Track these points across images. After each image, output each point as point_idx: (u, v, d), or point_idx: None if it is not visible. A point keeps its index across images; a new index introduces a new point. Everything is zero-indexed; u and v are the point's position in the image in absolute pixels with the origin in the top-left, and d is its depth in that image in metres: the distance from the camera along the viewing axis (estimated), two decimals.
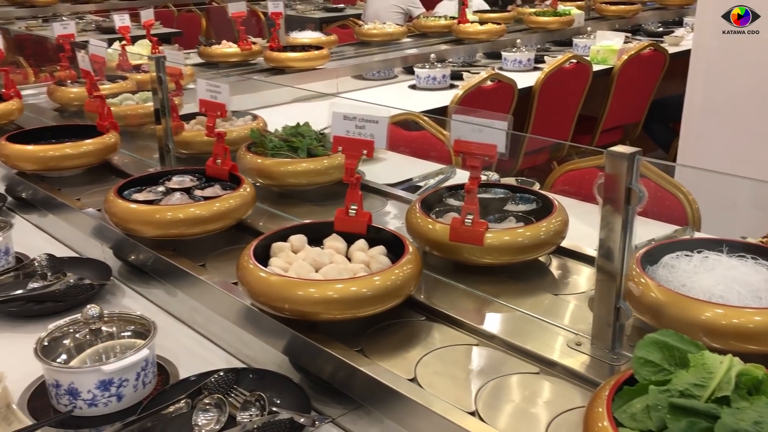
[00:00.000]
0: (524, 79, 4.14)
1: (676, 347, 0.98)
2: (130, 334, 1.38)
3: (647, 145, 4.93)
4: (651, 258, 1.36)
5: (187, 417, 1.20)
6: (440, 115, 3.48)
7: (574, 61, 4.26)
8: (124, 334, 1.38)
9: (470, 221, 1.48)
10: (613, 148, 1.17)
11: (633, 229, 1.19)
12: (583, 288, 1.52)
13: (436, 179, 2.31)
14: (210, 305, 1.56)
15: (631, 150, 1.15)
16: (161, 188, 1.83)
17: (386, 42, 4.87)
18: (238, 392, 1.25)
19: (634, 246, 1.23)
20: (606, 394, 0.97)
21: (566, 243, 1.63)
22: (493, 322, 1.40)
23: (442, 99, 3.82)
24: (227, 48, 4.18)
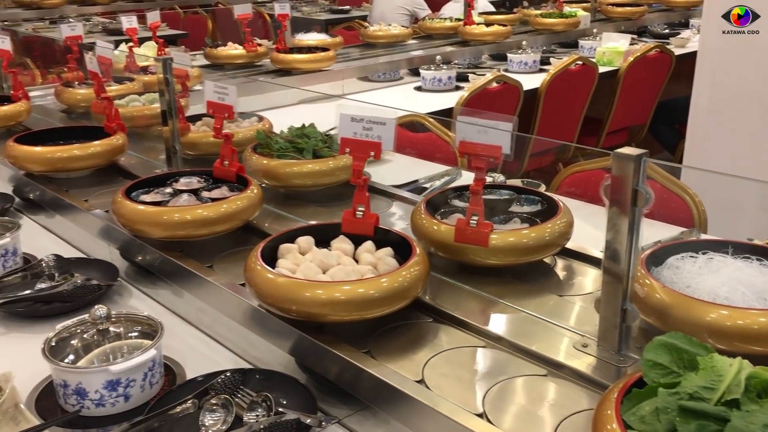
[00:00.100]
0: (530, 81, 4.14)
1: (685, 350, 0.98)
2: (137, 334, 1.39)
3: (653, 146, 4.92)
4: (656, 259, 1.36)
5: (193, 417, 1.20)
6: (446, 116, 3.48)
7: (580, 63, 4.26)
8: (132, 335, 1.39)
9: (475, 222, 1.47)
10: (620, 150, 1.17)
11: (640, 230, 1.19)
12: (589, 289, 1.52)
13: (442, 181, 2.31)
14: (217, 306, 1.56)
15: (638, 152, 1.15)
16: (169, 190, 1.84)
17: (392, 44, 4.88)
18: (245, 393, 1.25)
19: (641, 248, 1.23)
20: (615, 397, 0.97)
21: (571, 244, 1.63)
22: (499, 324, 1.40)
23: (447, 101, 3.82)
24: (233, 50, 4.19)
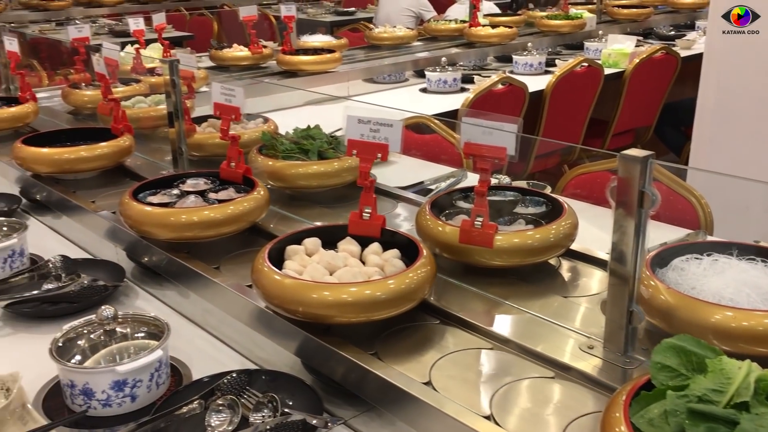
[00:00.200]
0: (535, 83, 4.13)
1: (694, 352, 0.98)
2: (143, 335, 1.39)
3: (659, 148, 4.91)
4: (661, 261, 1.36)
5: (200, 418, 1.20)
6: (451, 118, 3.47)
7: (586, 65, 4.25)
8: (138, 335, 1.39)
9: (480, 223, 1.47)
10: (627, 152, 1.17)
11: (646, 232, 1.19)
12: (594, 291, 1.52)
13: (447, 182, 2.31)
14: (224, 307, 1.56)
15: (644, 153, 1.15)
16: (176, 191, 1.84)
17: (397, 45, 4.88)
18: (251, 393, 1.25)
19: (647, 250, 1.23)
20: (623, 399, 0.97)
21: (577, 246, 1.63)
22: (506, 326, 1.40)
23: (452, 102, 3.82)
24: (238, 51, 4.20)
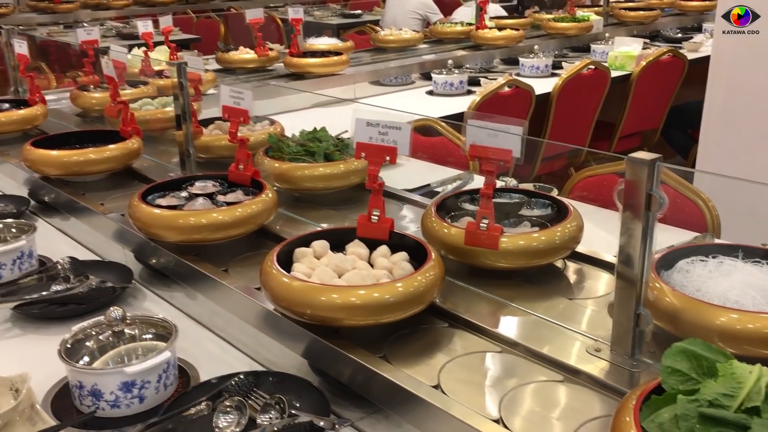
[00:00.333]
0: (542, 85, 4.13)
1: (704, 356, 0.97)
2: (151, 336, 1.40)
3: (665, 151, 4.86)
4: (666, 263, 1.36)
5: (207, 419, 1.21)
6: (457, 120, 3.47)
7: (592, 67, 4.25)
8: (146, 337, 1.40)
9: (485, 225, 1.47)
10: (634, 155, 1.16)
11: (653, 235, 1.19)
12: (599, 293, 1.52)
13: (454, 185, 2.31)
14: (232, 309, 1.56)
15: (651, 156, 1.15)
16: (184, 193, 1.84)
17: (403, 48, 4.88)
18: (258, 395, 1.26)
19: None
20: (633, 404, 0.96)
21: (583, 248, 1.63)
22: (513, 328, 1.40)
23: (459, 105, 3.83)
24: (244, 54, 4.21)
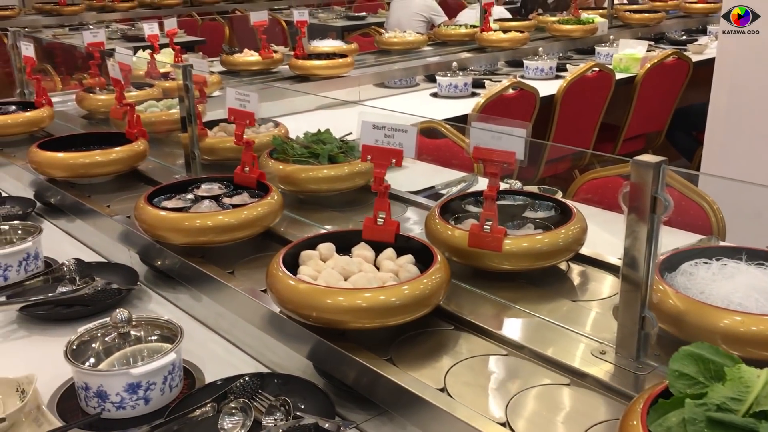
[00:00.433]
0: (546, 88, 4.13)
1: (712, 360, 0.97)
2: (157, 338, 1.40)
3: (670, 153, 4.89)
4: (670, 265, 1.35)
5: (213, 421, 1.21)
6: (462, 123, 3.47)
7: (597, 70, 4.25)
8: (152, 338, 1.40)
9: (489, 227, 1.48)
10: (639, 157, 1.16)
11: (658, 238, 1.19)
12: (603, 295, 1.52)
13: (458, 187, 2.32)
14: (237, 311, 1.57)
15: (657, 159, 1.15)
16: (190, 196, 1.85)
17: (407, 50, 4.89)
18: (264, 397, 1.26)
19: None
20: (640, 407, 0.96)
21: (587, 251, 1.63)
22: (518, 331, 1.40)
23: (463, 107, 3.83)
24: (249, 56, 4.21)
